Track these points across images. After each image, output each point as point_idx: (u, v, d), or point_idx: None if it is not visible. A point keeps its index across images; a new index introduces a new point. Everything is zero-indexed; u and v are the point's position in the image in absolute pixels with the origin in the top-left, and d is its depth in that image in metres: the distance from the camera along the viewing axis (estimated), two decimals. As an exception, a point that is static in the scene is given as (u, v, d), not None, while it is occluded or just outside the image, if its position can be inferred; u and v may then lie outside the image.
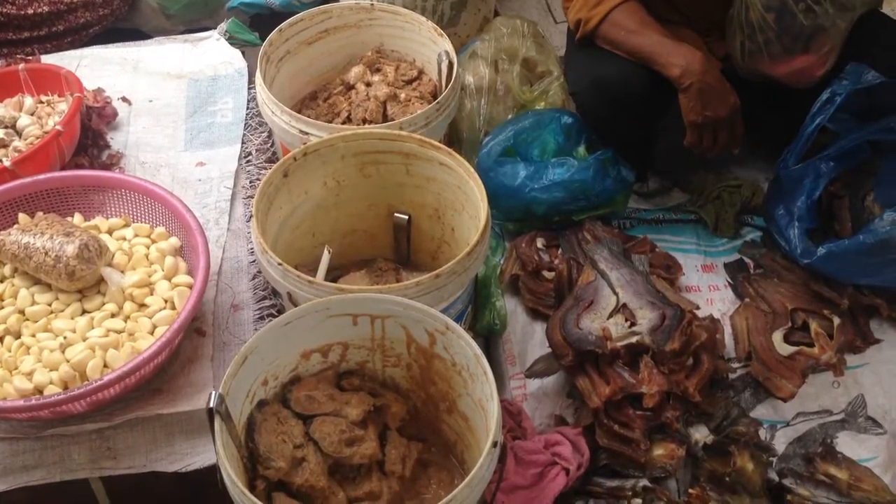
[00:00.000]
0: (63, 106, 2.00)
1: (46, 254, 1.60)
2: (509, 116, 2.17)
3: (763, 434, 1.77)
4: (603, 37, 1.89)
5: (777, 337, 1.84)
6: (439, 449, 1.66)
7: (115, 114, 2.15)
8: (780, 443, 1.78)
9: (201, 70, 2.29)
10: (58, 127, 1.86)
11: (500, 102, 2.19)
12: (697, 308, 1.83)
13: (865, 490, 1.70)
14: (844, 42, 1.79)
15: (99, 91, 2.17)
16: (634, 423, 1.65)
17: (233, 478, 1.26)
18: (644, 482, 1.65)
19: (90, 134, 2.04)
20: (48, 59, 2.25)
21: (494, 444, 1.31)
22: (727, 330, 1.89)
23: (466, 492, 1.26)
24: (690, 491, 1.63)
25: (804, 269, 1.89)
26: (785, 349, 1.82)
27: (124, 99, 2.20)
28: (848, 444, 1.78)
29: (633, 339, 1.67)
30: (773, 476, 1.71)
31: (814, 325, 1.84)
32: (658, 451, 1.66)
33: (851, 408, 1.81)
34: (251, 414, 1.47)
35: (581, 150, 2.05)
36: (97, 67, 2.29)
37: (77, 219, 1.77)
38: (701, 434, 1.69)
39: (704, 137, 1.89)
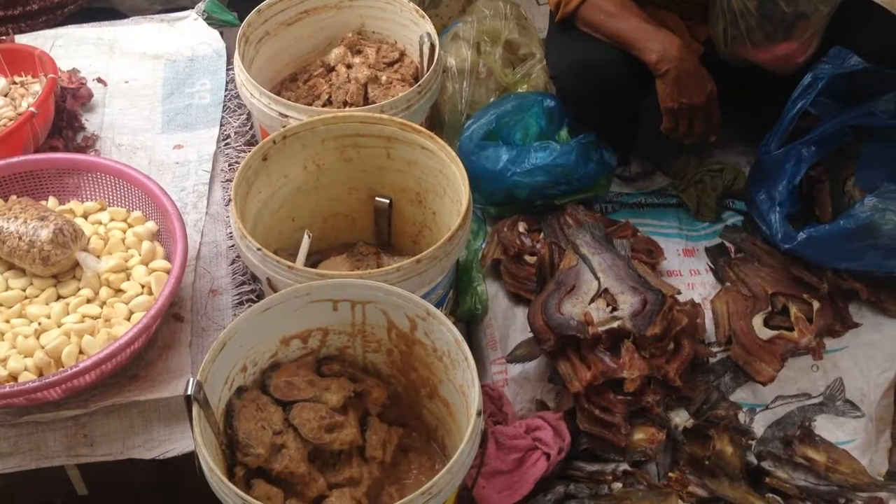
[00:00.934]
0: (37, 87, 1.97)
1: (20, 238, 1.58)
2: (491, 99, 2.15)
3: (742, 417, 1.78)
4: (582, 19, 1.88)
5: (757, 321, 1.85)
6: (420, 434, 1.65)
7: (91, 95, 2.11)
8: (760, 426, 1.79)
9: (178, 51, 2.25)
10: (31, 108, 1.83)
11: (482, 85, 2.17)
12: (678, 292, 1.83)
13: (843, 472, 1.72)
14: (827, 27, 1.78)
15: (74, 72, 2.13)
16: (615, 407, 1.65)
17: (211, 465, 1.25)
18: (624, 466, 1.66)
19: (65, 116, 2.01)
20: (22, 39, 2.20)
21: (479, 413, 1.30)
22: (708, 314, 1.90)
23: (447, 477, 1.26)
24: (670, 474, 1.63)
25: (785, 253, 1.89)
26: (765, 333, 1.83)
27: (100, 80, 2.17)
28: (826, 426, 1.79)
29: (615, 324, 1.67)
30: (752, 459, 1.72)
31: (793, 310, 1.84)
32: (638, 436, 1.67)
33: (830, 391, 1.83)
34: (230, 400, 1.45)
35: (563, 133, 2.04)
36: (72, 48, 2.25)
37: (51, 202, 1.74)
38: (681, 418, 1.70)
39: (680, 124, 1.90)
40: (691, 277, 1.98)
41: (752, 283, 1.91)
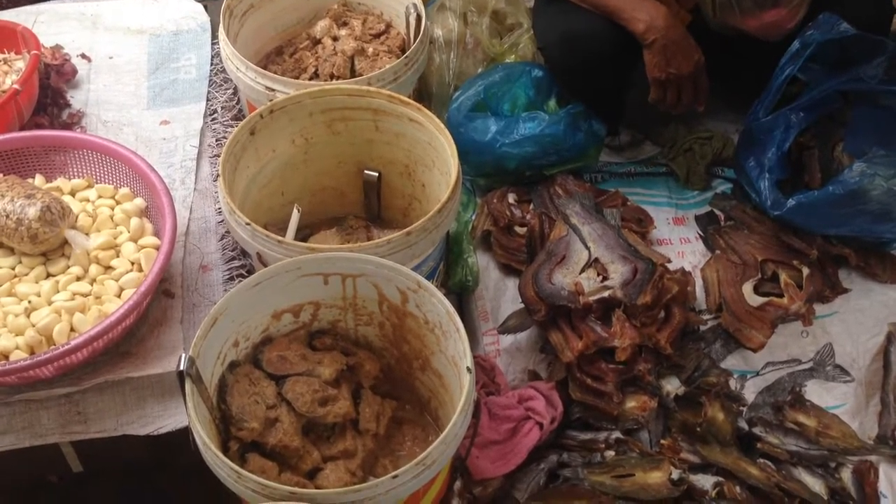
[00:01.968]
0: (20, 64, 1.94)
1: (7, 216, 1.57)
2: (479, 70, 2.14)
3: (733, 384, 1.79)
4: None
5: (747, 288, 1.85)
6: (413, 406, 1.66)
7: (75, 71, 2.09)
8: (750, 392, 1.80)
9: (162, 25, 2.23)
10: (15, 86, 1.81)
11: (469, 56, 2.15)
12: (669, 261, 1.84)
13: (833, 437, 1.73)
14: None
15: (57, 48, 2.11)
16: (607, 376, 1.66)
17: (205, 440, 1.25)
18: (616, 434, 1.67)
19: (49, 92, 1.99)
20: (4, 16, 2.18)
21: (469, 370, 1.32)
22: (698, 282, 1.90)
23: (441, 448, 1.27)
24: (662, 442, 1.65)
25: (774, 220, 1.90)
26: (755, 300, 1.84)
27: (84, 56, 2.15)
28: (816, 392, 1.81)
29: (606, 294, 1.68)
30: (744, 425, 1.73)
31: (783, 276, 1.85)
32: (630, 404, 1.68)
33: (820, 357, 1.84)
34: (223, 375, 1.46)
35: (552, 103, 2.03)
36: (55, 23, 2.22)
37: (38, 180, 1.73)
38: (672, 386, 1.71)
39: (668, 94, 1.89)
40: (681, 246, 1.98)
41: (742, 250, 1.91)
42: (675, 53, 1.82)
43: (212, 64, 2.14)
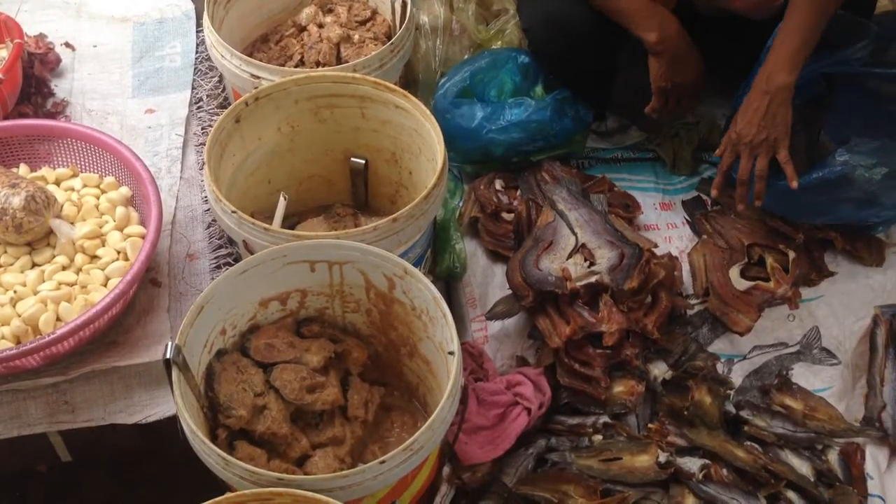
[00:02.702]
0: (3, 53, 1.93)
1: (-9, 206, 1.56)
2: (465, 56, 2.13)
3: (720, 368, 1.80)
4: None
5: (734, 272, 1.86)
6: (402, 393, 1.66)
7: (59, 60, 2.08)
8: (737, 376, 1.81)
9: (147, 13, 2.22)
10: (-2, 75, 1.80)
11: (455, 42, 2.15)
12: (656, 246, 1.84)
13: (820, 419, 1.74)
14: None
15: (41, 36, 2.09)
16: (595, 361, 1.66)
17: (192, 428, 1.25)
18: (604, 419, 1.67)
19: (33, 81, 1.98)
20: (-15, 5, 2.16)
21: (451, 353, 1.33)
22: (685, 267, 1.91)
23: (428, 434, 1.27)
24: (650, 425, 1.65)
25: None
26: (741, 284, 1.84)
27: (67, 44, 2.13)
28: (803, 375, 1.82)
29: (593, 279, 1.68)
30: (731, 408, 1.74)
31: (770, 260, 1.86)
32: (618, 388, 1.68)
33: (806, 340, 1.85)
34: (210, 364, 1.46)
35: (539, 89, 2.03)
36: (38, 12, 2.21)
37: (23, 170, 1.72)
38: (660, 370, 1.71)
39: (669, 102, 1.91)
40: (668, 231, 1.99)
41: (729, 234, 1.92)
42: (681, 64, 1.84)
43: (197, 52, 2.13)
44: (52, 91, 2.01)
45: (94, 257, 1.60)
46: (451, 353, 1.33)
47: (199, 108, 2.02)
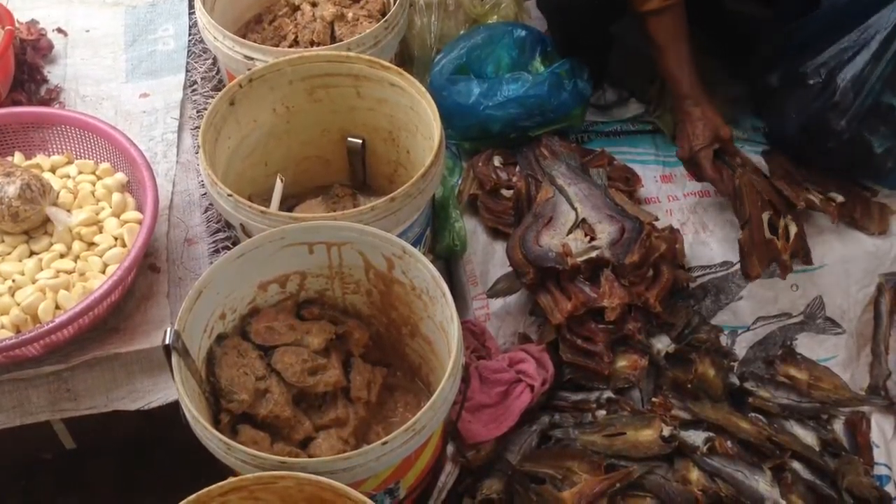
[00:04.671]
0: (-6, 40, 1.91)
1: (-13, 196, 1.55)
2: (461, 32, 2.11)
3: (724, 340, 1.79)
4: (652, 24, 1.82)
5: (765, 217, 1.84)
6: (404, 373, 1.66)
7: (51, 46, 2.07)
8: (741, 347, 1.80)
9: (139, -4, 2.20)
10: (-10, 63, 1.79)
11: (450, 18, 2.13)
12: (656, 219, 1.83)
13: (825, 388, 1.74)
14: None
15: (32, 23, 2.08)
16: (597, 336, 1.66)
17: (194, 413, 1.25)
18: (608, 394, 1.67)
19: (26, 68, 1.96)
20: (-25, -9, 2.14)
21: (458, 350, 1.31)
22: (688, 237, 1.88)
23: (430, 413, 1.27)
24: (653, 399, 1.65)
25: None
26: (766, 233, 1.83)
27: (59, 30, 2.11)
28: (807, 345, 1.81)
29: (593, 254, 1.67)
30: (735, 381, 1.73)
31: (782, 222, 1.84)
32: (621, 363, 1.68)
33: (810, 309, 1.84)
34: (210, 348, 1.45)
35: (536, 63, 2.01)
36: (29, -2, 2.19)
37: (17, 158, 1.71)
38: (663, 344, 1.71)
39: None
40: (669, 203, 1.97)
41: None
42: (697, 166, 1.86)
43: (190, 34, 2.11)
44: (45, 77, 2.00)
45: (91, 244, 1.60)
46: (457, 350, 1.31)
47: (193, 91, 2.00)
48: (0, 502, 1.71)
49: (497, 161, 1.96)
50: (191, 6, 2.15)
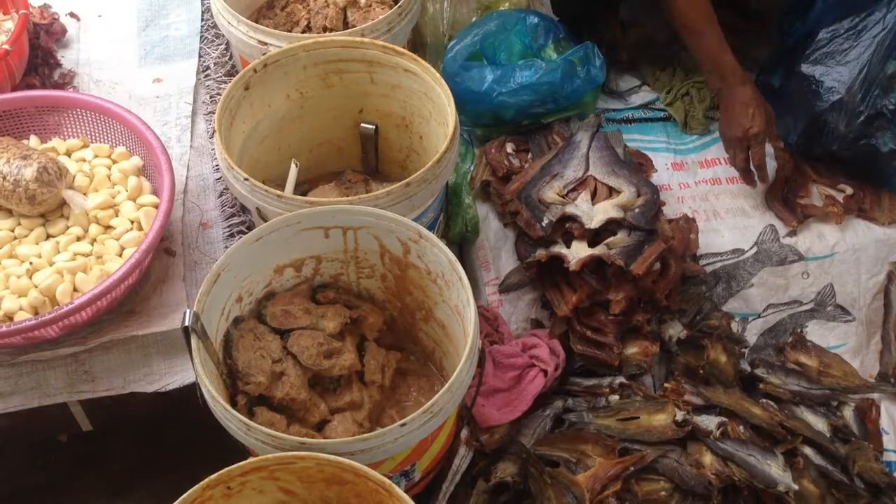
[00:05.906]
0: (9, 24, 1.91)
1: (4, 178, 1.56)
2: (474, 19, 2.11)
3: (735, 327, 1.80)
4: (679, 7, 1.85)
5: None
6: (418, 357, 1.67)
7: (64, 30, 2.07)
8: (752, 334, 1.81)
9: (151, -20, 2.19)
10: (5, 46, 1.78)
11: (463, 4, 2.12)
12: (672, 237, 1.78)
13: (835, 375, 1.75)
14: None
15: (45, 7, 2.08)
16: (606, 327, 1.66)
17: (213, 394, 1.26)
18: (620, 379, 1.68)
19: (39, 52, 1.96)
20: (-12, -24, 2.14)
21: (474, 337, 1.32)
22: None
23: (447, 396, 1.28)
24: (666, 385, 1.66)
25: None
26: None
27: (72, 14, 2.11)
28: (817, 332, 1.82)
29: (615, 214, 1.67)
30: (746, 367, 1.74)
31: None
32: (632, 350, 1.69)
33: (820, 297, 1.85)
34: (227, 331, 1.46)
35: (549, 50, 2.01)
36: (41, -18, 2.18)
37: (33, 141, 1.72)
38: (674, 330, 1.72)
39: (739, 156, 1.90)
40: (681, 191, 1.98)
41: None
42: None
43: (202, 19, 2.11)
44: (58, 62, 2.00)
45: (108, 227, 1.60)
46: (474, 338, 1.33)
47: (206, 76, 2.01)
48: (18, 482, 1.72)
49: (510, 148, 1.96)
50: (203, -9, 2.15)
